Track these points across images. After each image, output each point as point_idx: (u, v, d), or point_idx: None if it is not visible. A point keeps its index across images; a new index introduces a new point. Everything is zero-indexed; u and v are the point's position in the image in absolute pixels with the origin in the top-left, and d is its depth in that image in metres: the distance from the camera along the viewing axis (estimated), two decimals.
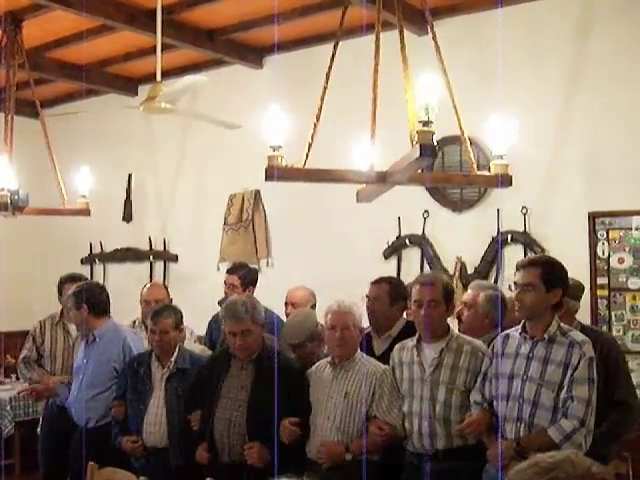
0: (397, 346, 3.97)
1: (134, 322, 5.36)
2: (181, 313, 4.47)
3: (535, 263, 3.49)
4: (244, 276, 5.44)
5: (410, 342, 3.90)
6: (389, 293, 4.37)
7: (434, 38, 3.63)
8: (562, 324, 3.47)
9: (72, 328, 5.24)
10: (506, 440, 3.42)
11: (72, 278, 5.36)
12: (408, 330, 4.13)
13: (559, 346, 3.38)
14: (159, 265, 7.38)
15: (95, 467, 3.58)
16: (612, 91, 5.09)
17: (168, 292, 5.52)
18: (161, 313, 4.39)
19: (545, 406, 3.34)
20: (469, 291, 4.38)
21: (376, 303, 4.33)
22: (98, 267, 7.79)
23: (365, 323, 4.21)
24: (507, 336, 3.59)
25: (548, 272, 3.42)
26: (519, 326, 3.53)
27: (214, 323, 5.41)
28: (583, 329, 3.96)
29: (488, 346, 3.71)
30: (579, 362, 3.31)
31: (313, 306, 5.15)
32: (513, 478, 1.55)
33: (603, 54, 5.15)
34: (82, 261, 7.84)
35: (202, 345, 5.18)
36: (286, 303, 5.23)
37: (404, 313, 4.41)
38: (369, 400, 3.85)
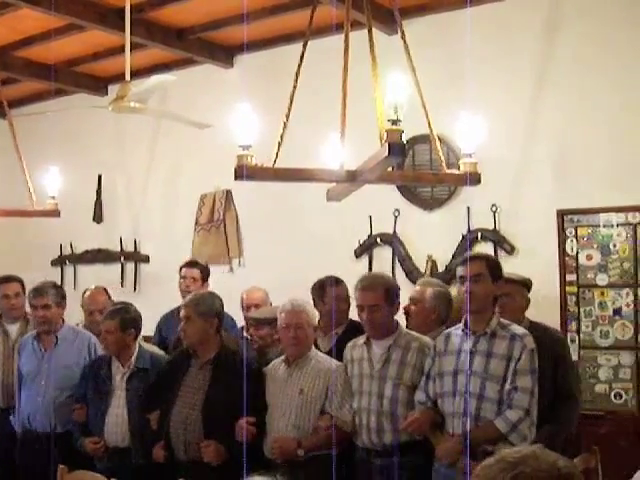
0: (349, 344, 4.08)
1: (77, 325, 5.35)
2: (130, 314, 4.49)
3: (479, 256, 3.74)
4: (203, 270, 5.64)
5: (361, 339, 4.01)
6: (347, 295, 4.57)
7: (403, 37, 3.64)
8: (502, 319, 3.57)
9: (11, 330, 5.22)
10: (453, 435, 3.48)
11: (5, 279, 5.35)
12: (353, 328, 4.27)
13: (501, 340, 3.51)
14: (130, 266, 7.33)
15: (65, 470, 3.55)
16: (580, 90, 5.14)
17: (109, 294, 5.55)
18: (107, 315, 4.49)
19: (491, 399, 3.43)
20: (417, 287, 4.46)
21: (340, 304, 4.50)
22: (68, 268, 7.72)
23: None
24: (448, 334, 3.70)
25: (492, 264, 3.62)
26: (460, 324, 3.62)
27: (163, 321, 5.57)
28: (532, 325, 4.08)
29: None
30: (521, 354, 3.45)
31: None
32: (480, 474, 1.57)
33: (571, 53, 5.19)
34: (52, 262, 7.77)
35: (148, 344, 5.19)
36: (247, 306, 5.24)
37: None
38: (323, 396, 3.93)
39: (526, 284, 4.26)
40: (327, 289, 4.59)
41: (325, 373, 3.99)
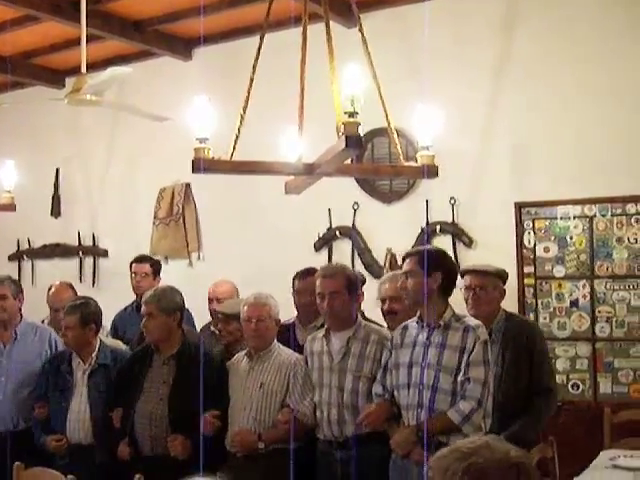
0: (309, 337, 4.09)
1: (42, 321, 5.27)
2: (91, 309, 4.42)
3: (412, 253, 3.75)
4: (154, 264, 5.57)
5: (320, 332, 4.01)
6: None
7: (361, 30, 3.64)
8: (457, 311, 3.63)
9: None
10: (408, 427, 3.50)
11: None
12: None
13: (454, 331, 3.53)
14: (89, 261, 7.26)
15: (21, 467, 3.50)
16: (537, 83, 5.19)
17: (74, 289, 5.47)
18: (67, 311, 4.41)
19: (444, 390, 3.46)
20: (387, 285, 4.32)
21: (310, 296, 4.33)
22: (26, 263, 7.62)
23: (282, 315, 4.29)
24: (405, 327, 3.73)
25: (423, 259, 3.59)
26: (416, 317, 3.65)
27: (118, 319, 5.52)
28: (509, 317, 4.10)
29: None
30: (474, 345, 3.46)
31: None
32: (435, 465, 1.58)
33: (529, 46, 5.24)
34: (9, 257, 7.66)
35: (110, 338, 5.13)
36: (211, 299, 5.19)
37: None
38: (284, 390, 3.94)
39: (501, 276, 4.25)
40: (294, 282, 4.53)
41: (286, 366, 4.00)
